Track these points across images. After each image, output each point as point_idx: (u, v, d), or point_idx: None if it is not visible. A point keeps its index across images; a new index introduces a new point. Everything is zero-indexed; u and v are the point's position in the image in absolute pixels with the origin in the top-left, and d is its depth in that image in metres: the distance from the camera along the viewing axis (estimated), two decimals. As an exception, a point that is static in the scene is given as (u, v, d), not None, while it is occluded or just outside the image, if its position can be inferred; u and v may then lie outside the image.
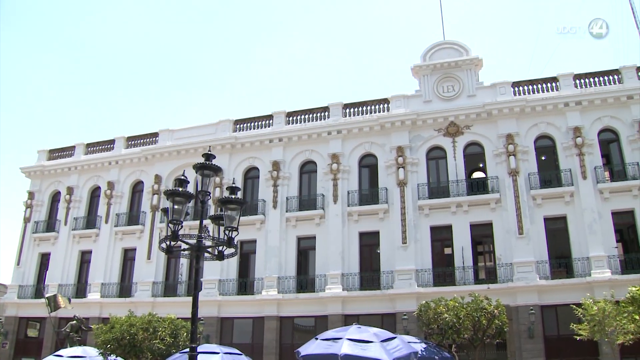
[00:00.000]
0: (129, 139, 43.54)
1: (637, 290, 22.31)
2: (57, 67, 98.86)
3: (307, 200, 36.87)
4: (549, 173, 33.75)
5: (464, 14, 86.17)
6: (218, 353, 21.02)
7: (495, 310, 24.60)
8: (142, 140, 42.86)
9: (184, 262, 37.37)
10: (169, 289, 37.74)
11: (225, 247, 13.89)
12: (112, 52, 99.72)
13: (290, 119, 38.98)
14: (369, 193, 36.10)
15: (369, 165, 37.10)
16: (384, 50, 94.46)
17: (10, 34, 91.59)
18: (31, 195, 44.60)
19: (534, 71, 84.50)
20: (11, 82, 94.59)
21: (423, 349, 20.55)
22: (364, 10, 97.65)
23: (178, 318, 27.83)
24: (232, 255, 14.31)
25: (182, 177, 13.63)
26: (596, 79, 34.51)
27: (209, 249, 13.88)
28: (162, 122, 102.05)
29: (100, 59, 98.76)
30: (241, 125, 40.00)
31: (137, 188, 42.15)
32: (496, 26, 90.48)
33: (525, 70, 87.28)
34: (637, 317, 21.92)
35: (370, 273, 34.29)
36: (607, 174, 33.00)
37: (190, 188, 14.33)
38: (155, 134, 42.26)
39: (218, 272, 36.06)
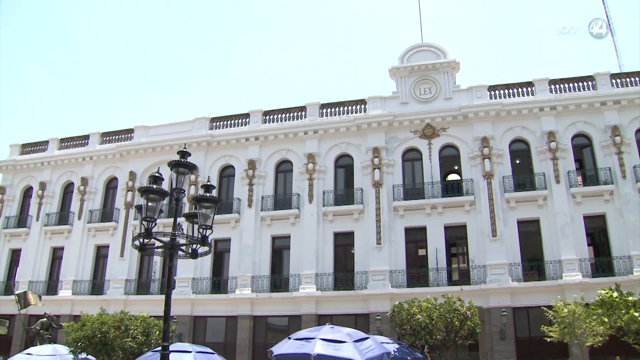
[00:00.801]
0: (104, 134, 43.05)
1: (607, 293, 22.65)
2: (32, 61, 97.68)
3: (283, 200, 36.81)
4: (523, 176, 34.11)
5: (442, 17, 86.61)
6: (190, 352, 20.88)
7: (468, 312, 24.83)
8: (117, 136, 42.41)
9: (157, 260, 37.09)
10: (141, 286, 37.42)
11: (199, 246, 13.83)
12: (89, 47, 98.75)
13: (267, 117, 38.88)
14: (345, 193, 36.14)
15: (344, 165, 37.14)
16: (362, 51, 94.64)
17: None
18: (2, 190, 43.84)
19: (510, 75, 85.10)
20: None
21: (396, 350, 20.63)
22: (343, 10, 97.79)
23: (151, 316, 27.71)
24: (205, 253, 14.26)
25: (157, 174, 13.51)
26: (571, 85, 34.99)
27: (183, 247, 13.81)
28: (137, 118, 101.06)
29: (76, 53, 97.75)
30: (217, 123, 39.80)
31: (111, 184, 41.70)
32: (474, 30, 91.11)
33: (502, 74, 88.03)
34: (605, 320, 22.24)
35: (344, 273, 34.33)
36: (579, 178, 33.51)
37: (165, 185, 14.18)
38: (131, 130, 41.85)
39: (192, 270, 35.84)
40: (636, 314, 21.34)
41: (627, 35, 75.69)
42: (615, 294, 22.42)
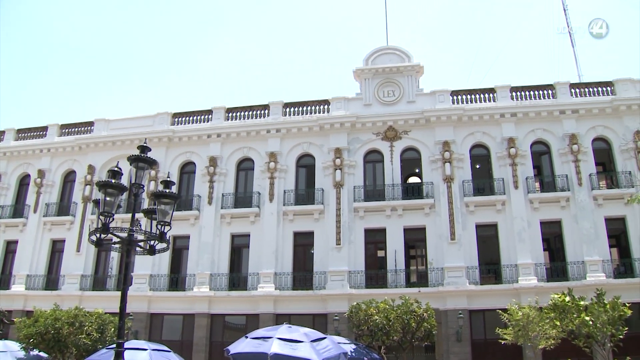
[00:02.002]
0: (63, 126, 42.14)
1: (559, 297, 23.16)
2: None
3: (243, 198, 36.62)
4: (483, 181, 34.56)
5: (408, 20, 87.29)
6: (146, 349, 20.62)
7: (425, 314, 25.09)
8: (76, 129, 41.56)
9: (114, 256, 36.50)
10: (98, 282, 36.82)
11: (157, 242, 13.68)
12: (50, 36, 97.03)
13: (230, 115, 38.62)
14: (305, 193, 36.13)
15: (306, 165, 37.13)
16: (327, 52, 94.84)
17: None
18: (-44, 182, 42.69)
19: (473, 81, 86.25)
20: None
21: (353, 350, 20.70)
22: (309, 10, 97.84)
23: (106, 313, 27.35)
24: (163, 250, 14.09)
25: (116, 169, 13.33)
26: (531, 93, 35.65)
27: (141, 243, 13.64)
28: (98, 111, 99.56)
29: (37, 42, 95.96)
30: (179, 119, 39.35)
31: (68, 178, 40.90)
32: (439, 35, 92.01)
33: (465, 79, 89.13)
34: (558, 323, 22.75)
35: (303, 273, 34.32)
36: (537, 184, 34.14)
37: (125, 180, 14.00)
38: (91, 123, 41.07)
39: (149, 266, 35.41)
40: (587, 318, 21.86)
41: (587, 46, 77.20)
42: (567, 299, 22.95)
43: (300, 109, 37.73)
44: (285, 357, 16.73)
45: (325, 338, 19.18)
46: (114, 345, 15.13)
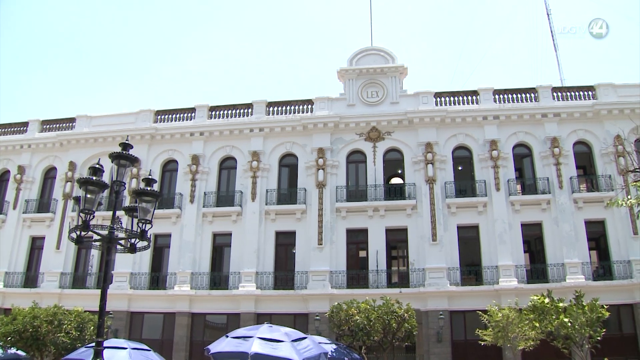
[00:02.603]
0: (44, 122, 41.64)
1: (539, 299, 23.36)
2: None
3: (225, 197, 36.50)
4: (465, 183, 34.75)
5: (393, 22, 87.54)
6: (125, 348, 20.44)
7: (405, 314, 25.14)
8: (57, 125, 41.11)
9: (94, 254, 36.20)
10: (77, 280, 36.50)
11: (137, 240, 13.59)
12: (32, 31, 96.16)
13: (213, 113, 38.47)
14: (288, 193, 36.09)
15: (289, 165, 37.09)
16: (312, 52, 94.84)
17: None
18: None
19: (456, 83, 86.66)
20: None
21: (333, 350, 20.66)
22: (295, 10, 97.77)
23: (86, 311, 27.18)
24: (144, 248, 14.00)
25: (97, 166, 13.23)
26: (514, 96, 35.95)
27: (121, 241, 13.55)
28: (80, 107, 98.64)
29: (18, 37, 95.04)
30: (162, 117, 39.10)
31: (49, 174, 40.46)
32: (423, 37, 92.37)
33: (448, 82, 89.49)
34: (537, 325, 22.94)
35: (284, 273, 34.29)
36: (519, 187, 34.40)
37: (106, 178, 13.87)
38: (72, 119, 40.65)
39: (130, 265, 35.15)
40: (566, 320, 22.08)
41: (570, 51, 77.80)
42: (546, 300, 23.14)
43: (284, 108, 37.68)
44: (265, 357, 16.66)
45: (306, 338, 19.14)
46: (93, 344, 15.00)
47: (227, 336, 19.05)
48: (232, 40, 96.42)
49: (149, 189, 13.53)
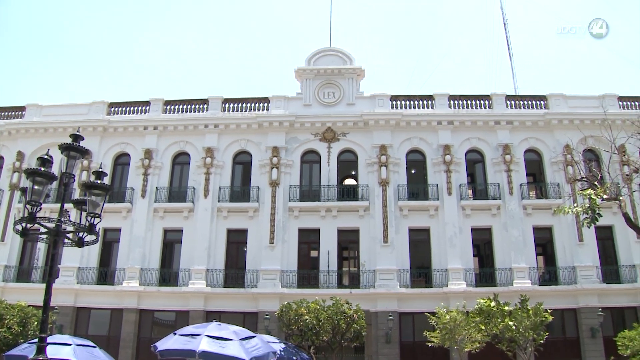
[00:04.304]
0: (-9, 111, 40.62)
1: (485, 302, 23.72)
2: None
3: (177, 192, 36.09)
4: (417, 186, 35.11)
5: (352, 24, 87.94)
6: (70, 345, 20.00)
7: (355, 315, 25.26)
8: (6, 113, 39.85)
9: (41, 247, 35.39)
10: (22, 274, 35.55)
11: (86, 234, 13.33)
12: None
13: (168, 107, 37.92)
14: (241, 190, 35.90)
15: (243, 162, 36.89)
16: (270, 50, 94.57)
17: None
18: None
19: (413, 87, 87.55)
20: None
21: (282, 349, 20.62)
22: (255, 7, 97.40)
23: (30, 306, 26.54)
24: (92, 242, 13.73)
25: (46, 157, 12.93)
26: (469, 102, 36.51)
27: (69, 235, 13.27)
28: (30, 96, 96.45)
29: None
30: (116, 109, 38.38)
31: (-4, 164, 39.45)
32: (382, 40, 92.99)
33: (405, 85, 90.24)
34: (483, 327, 23.30)
35: (235, 271, 34.09)
36: (470, 192, 34.95)
37: (55, 169, 13.56)
38: (22, 108, 39.53)
39: (78, 259, 34.42)
40: (510, 323, 22.49)
41: (524, 60, 79.30)
42: (493, 304, 23.50)
43: (240, 105, 37.48)
44: (213, 355, 16.54)
45: (254, 337, 19.06)
46: (36, 340, 14.67)
47: (175, 334, 18.84)
48: (189, 35, 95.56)
49: (99, 182, 13.30)
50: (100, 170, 13.80)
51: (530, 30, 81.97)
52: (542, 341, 23.13)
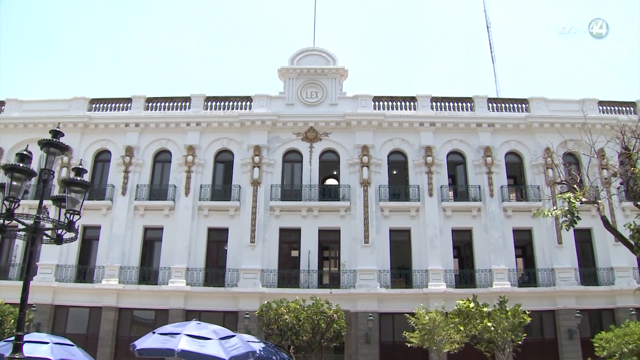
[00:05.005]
0: (-30, 105, 40.08)
1: (464, 303, 23.81)
2: None
3: (158, 190, 35.88)
4: (399, 187, 35.24)
5: (336, 24, 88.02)
6: (47, 343, 19.80)
7: (335, 315, 25.24)
8: (-15, 108, 39.65)
9: (19, 244, 35.02)
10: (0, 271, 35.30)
11: (64, 231, 13.19)
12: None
13: (150, 105, 37.67)
14: (222, 189, 35.78)
15: (224, 161, 36.76)
16: (253, 48, 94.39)
17: None
18: None
19: (396, 89, 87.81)
20: None
21: (261, 349, 20.58)
22: (239, 5, 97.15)
23: (6, 303, 26.29)
24: (71, 240, 13.60)
25: (25, 152, 12.77)
26: (451, 104, 36.70)
27: (47, 232, 13.13)
28: (10, 91, 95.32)
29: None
30: (97, 105, 38.02)
31: (-27, 159, 38.94)
32: (365, 41, 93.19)
33: (387, 86, 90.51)
34: (462, 328, 23.39)
35: (215, 269, 33.96)
36: (451, 193, 35.17)
37: (34, 165, 13.44)
38: (2, 103, 38.90)
39: (56, 256, 34.03)
40: (489, 324, 22.59)
41: (506, 63, 79.84)
42: (472, 305, 23.61)
43: (222, 103, 37.33)
44: (192, 354, 16.48)
45: (234, 336, 19.01)
46: (13, 338, 14.50)
47: (154, 332, 18.75)
48: (173, 32, 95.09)
49: (78, 179, 13.16)
50: (80, 167, 13.67)
51: (513, 33, 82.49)
52: (520, 342, 23.25)
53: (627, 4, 78.25)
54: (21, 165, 12.29)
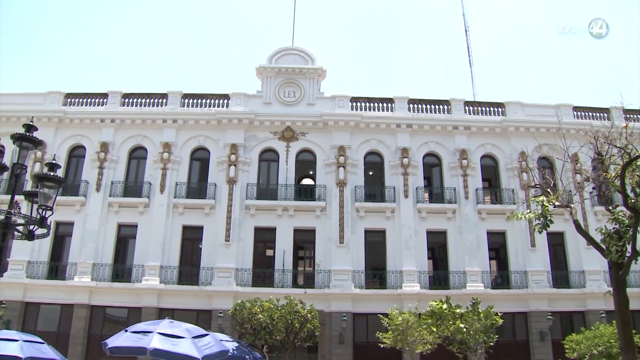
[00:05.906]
0: (-59, 98, 39.41)
1: (437, 304, 23.98)
2: None
3: (133, 187, 35.58)
4: (374, 188, 35.35)
5: (315, 24, 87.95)
6: (17, 340, 19.49)
7: (309, 315, 25.30)
8: (-44, 101, 39.04)
9: (-11, 239, 34.52)
10: (-32, 266, 34.69)
11: (36, 227, 13.02)
12: None
13: (126, 100, 37.33)
14: (198, 187, 35.60)
15: (200, 159, 36.58)
16: (232, 46, 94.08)
17: None
18: None
19: (373, 90, 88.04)
20: None
21: (235, 348, 20.50)
22: (218, 3, 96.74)
23: (-24, 300, 25.90)
24: (43, 236, 13.41)
25: (-3, 147, 12.60)
26: (428, 106, 36.94)
27: (19, 227, 12.96)
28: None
29: None
30: (72, 100, 37.58)
31: (-56, 153, 38.23)
32: (344, 42, 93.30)
33: (365, 88, 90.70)
34: (434, 329, 23.56)
35: (190, 268, 33.78)
36: (426, 195, 35.33)
37: (7, 160, 13.25)
38: (-25, 96, 38.68)
39: (28, 252, 33.56)
40: (461, 325, 22.79)
41: (483, 67, 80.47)
42: (444, 306, 23.77)
43: (199, 101, 37.14)
44: (165, 353, 16.36)
45: (207, 335, 18.91)
46: (-19, 335, 14.31)
47: (127, 330, 18.58)
48: (151, 28, 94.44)
49: (52, 174, 12.98)
50: (54, 162, 13.48)
51: (491, 38, 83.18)
52: (492, 344, 23.45)
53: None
54: (-7, 159, 12.13)
